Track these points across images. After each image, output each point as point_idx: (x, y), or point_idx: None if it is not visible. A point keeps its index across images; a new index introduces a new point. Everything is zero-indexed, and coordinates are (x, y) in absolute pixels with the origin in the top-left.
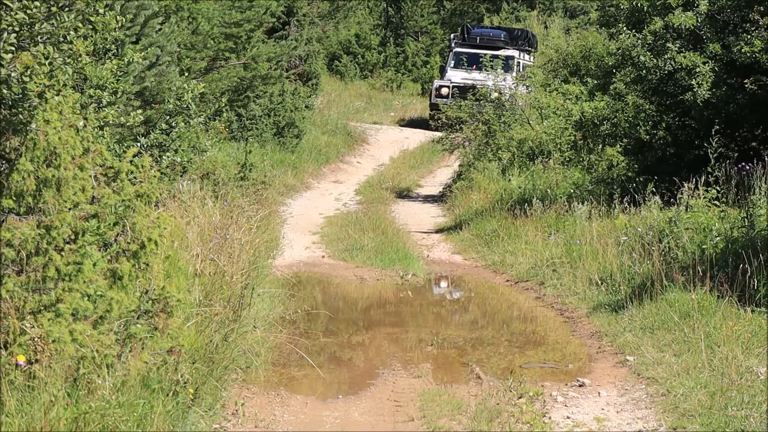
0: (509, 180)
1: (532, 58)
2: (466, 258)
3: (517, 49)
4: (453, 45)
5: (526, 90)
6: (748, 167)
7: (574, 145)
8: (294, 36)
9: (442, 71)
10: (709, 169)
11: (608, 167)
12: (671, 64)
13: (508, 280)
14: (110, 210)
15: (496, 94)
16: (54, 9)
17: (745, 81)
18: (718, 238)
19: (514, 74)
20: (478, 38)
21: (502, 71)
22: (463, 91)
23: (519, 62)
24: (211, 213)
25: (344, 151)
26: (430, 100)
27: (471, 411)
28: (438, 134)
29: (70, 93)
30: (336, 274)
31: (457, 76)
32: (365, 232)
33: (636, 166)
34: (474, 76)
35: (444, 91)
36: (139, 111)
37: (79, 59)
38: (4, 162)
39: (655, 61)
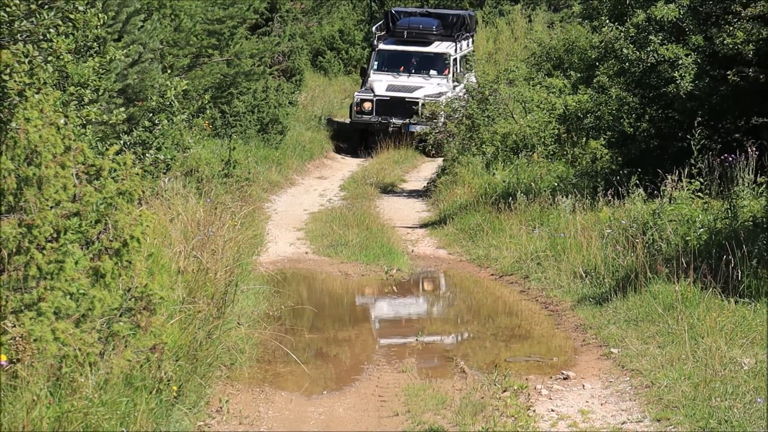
0: (493, 174)
1: (470, 44)
2: (450, 252)
3: (452, 40)
4: (376, 40)
5: (463, 92)
6: (731, 159)
7: (557, 139)
8: (277, 32)
9: (364, 75)
10: (693, 161)
11: (592, 160)
12: (654, 57)
13: (492, 274)
14: (92, 208)
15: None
16: (33, 7)
17: (728, 73)
18: (701, 230)
19: (451, 76)
20: (405, 31)
21: (437, 75)
22: (390, 106)
23: (456, 59)
24: (195, 210)
25: (328, 147)
26: (351, 118)
27: (455, 405)
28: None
29: (50, 91)
30: (320, 270)
31: (381, 84)
32: (350, 228)
33: (620, 158)
34: (403, 83)
35: (367, 106)
36: (122, 109)
37: (60, 57)
38: None
39: (637, 53)
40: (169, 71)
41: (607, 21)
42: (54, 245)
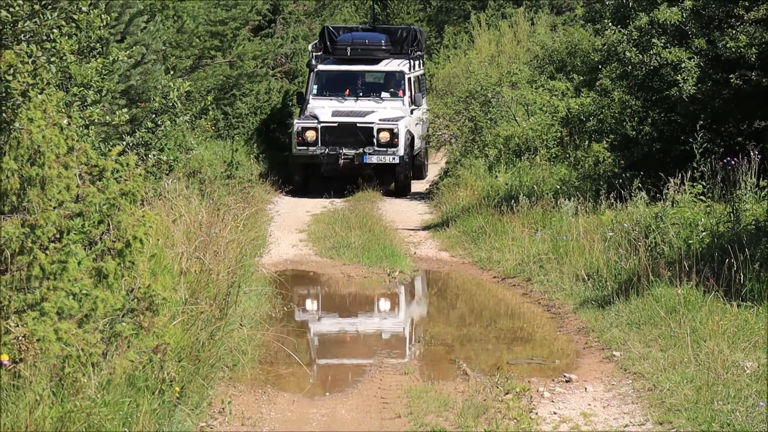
0: (496, 177)
1: (421, 65)
2: (452, 255)
3: (404, 58)
4: (313, 60)
5: (424, 117)
6: (733, 162)
7: (560, 142)
8: (280, 34)
9: (301, 101)
10: (695, 165)
11: (594, 163)
12: (657, 60)
13: (495, 277)
14: (95, 208)
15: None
16: (37, 7)
17: (731, 76)
18: (704, 233)
19: (407, 98)
20: (348, 48)
21: (389, 97)
22: (338, 134)
23: (410, 78)
24: (197, 211)
25: None
26: (291, 150)
27: (458, 407)
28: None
29: (54, 91)
30: (323, 271)
31: (324, 110)
32: (352, 230)
33: (622, 161)
34: (350, 107)
35: (310, 135)
36: (125, 110)
37: (64, 58)
38: None
39: (640, 56)
40: (171, 72)
41: (610, 24)
42: (57, 245)
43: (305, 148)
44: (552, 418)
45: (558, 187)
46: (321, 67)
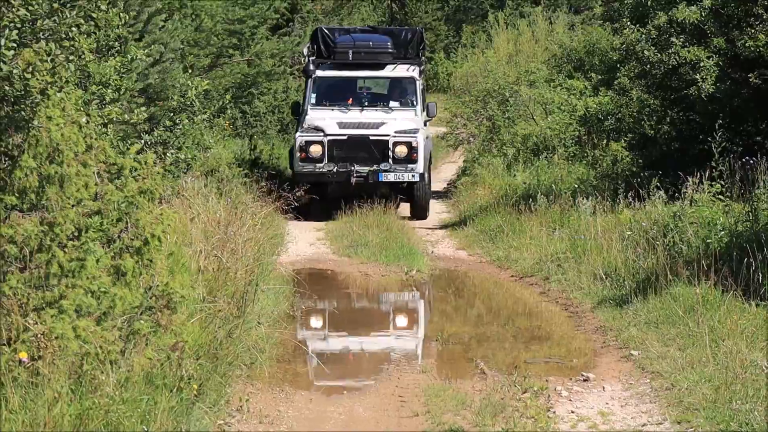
0: (514, 175)
1: (422, 72)
2: (470, 253)
3: (412, 62)
4: (310, 65)
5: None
6: (752, 161)
7: (578, 141)
8: (298, 33)
9: (298, 112)
10: (714, 164)
11: (612, 162)
12: (675, 59)
13: (512, 276)
14: (113, 206)
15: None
16: (56, 5)
17: (750, 75)
18: (722, 233)
19: (420, 107)
20: (350, 51)
21: (399, 107)
22: (349, 149)
23: (422, 86)
24: (215, 210)
25: None
26: (292, 167)
27: (475, 406)
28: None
29: (72, 90)
30: (340, 270)
31: (326, 121)
32: (369, 228)
33: (640, 161)
34: (356, 118)
35: (315, 150)
36: (143, 108)
37: (82, 56)
38: (6, 159)
39: (659, 55)
40: (189, 71)
41: (629, 23)
42: (75, 243)
43: (310, 164)
44: (570, 416)
45: (576, 186)
46: (320, 73)
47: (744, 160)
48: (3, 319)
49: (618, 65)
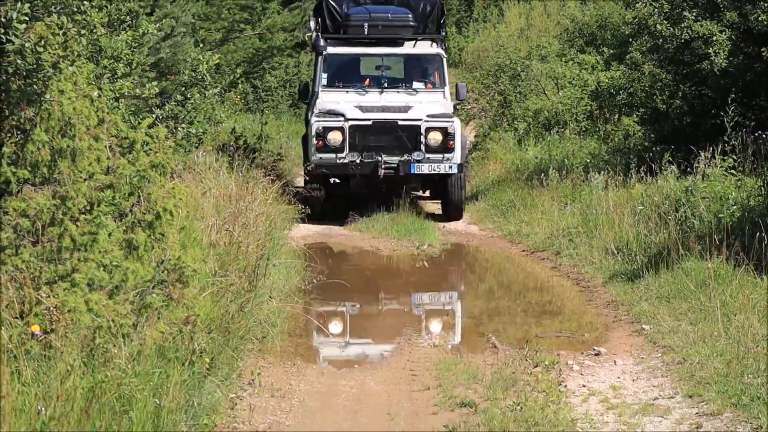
0: (525, 150)
1: (446, 49)
2: (482, 228)
3: (433, 39)
4: (320, 41)
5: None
6: (764, 136)
7: (590, 115)
8: (309, 6)
9: (306, 95)
10: (726, 138)
11: (624, 137)
12: (688, 33)
13: (524, 250)
14: (125, 180)
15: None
16: None
17: (762, 50)
18: (734, 207)
19: (447, 90)
20: (366, 25)
21: (423, 88)
22: (376, 134)
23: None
24: (227, 184)
25: None
26: (306, 157)
27: (487, 380)
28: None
29: (84, 64)
30: (352, 244)
31: (344, 105)
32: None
33: (652, 135)
34: (377, 101)
35: (334, 138)
36: (155, 83)
37: (94, 30)
38: (19, 132)
39: (671, 29)
40: (201, 45)
41: None
42: (87, 217)
43: (329, 154)
44: (581, 390)
45: (588, 160)
46: (331, 50)
47: (756, 134)
48: (15, 293)
49: (630, 39)
